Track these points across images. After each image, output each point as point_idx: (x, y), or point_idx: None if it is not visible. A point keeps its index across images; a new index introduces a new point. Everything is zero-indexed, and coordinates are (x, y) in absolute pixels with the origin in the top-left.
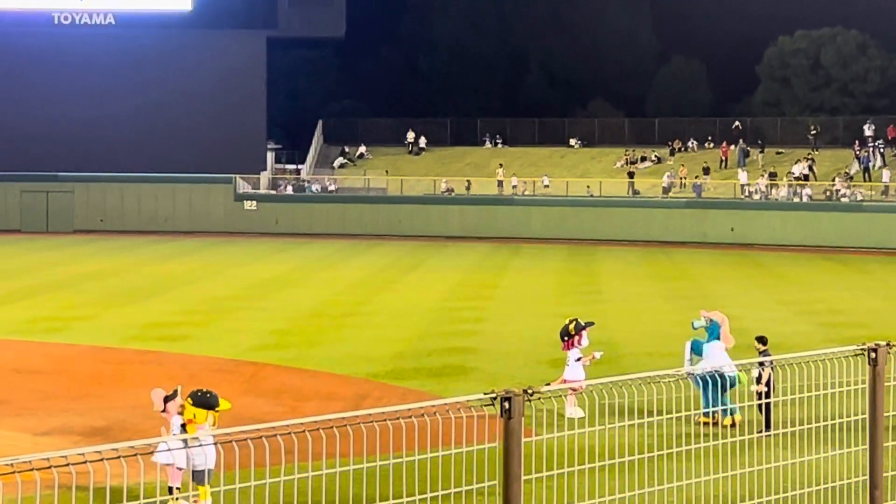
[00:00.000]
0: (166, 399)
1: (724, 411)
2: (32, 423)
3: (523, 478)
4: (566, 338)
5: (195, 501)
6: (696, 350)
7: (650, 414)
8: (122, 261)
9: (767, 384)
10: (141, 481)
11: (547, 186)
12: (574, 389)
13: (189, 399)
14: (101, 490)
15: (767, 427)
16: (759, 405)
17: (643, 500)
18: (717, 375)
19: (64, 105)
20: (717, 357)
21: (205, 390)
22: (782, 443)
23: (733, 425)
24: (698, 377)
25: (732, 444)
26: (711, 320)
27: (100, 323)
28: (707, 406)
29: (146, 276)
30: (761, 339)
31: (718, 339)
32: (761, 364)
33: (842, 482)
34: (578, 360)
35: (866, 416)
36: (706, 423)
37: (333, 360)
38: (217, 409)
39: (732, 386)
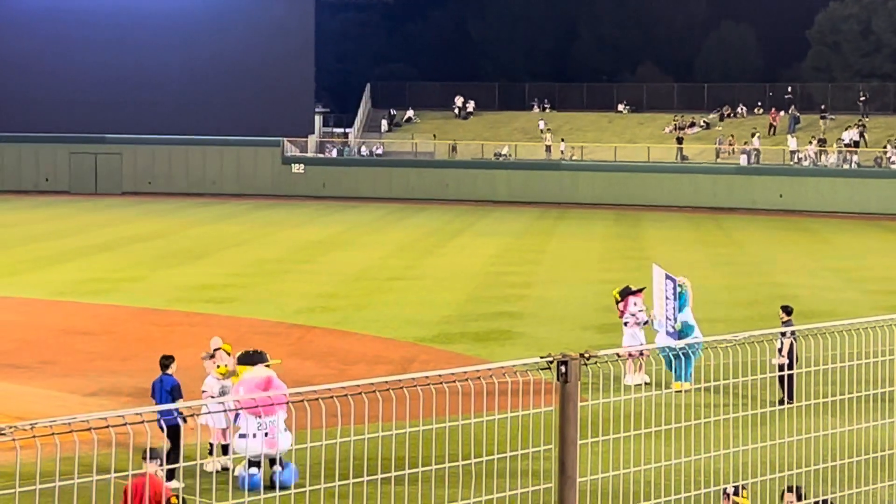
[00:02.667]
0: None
1: (681, 376)
2: (81, 384)
3: (579, 442)
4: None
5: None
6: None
7: (706, 380)
8: (169, 223)
9: (789, 355)
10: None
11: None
12: (631, 355)
13: (238, 361)
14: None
15: (790, 399)
16: (780, 376)
17: (697, 466)
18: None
19: (112, 67)
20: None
21: (251, 350)
22: (838, 411)
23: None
24: (669, 353)
25: (788, 410)
26: (681, 287)
27: (148, 285)
28: (679, 375)
29: (194, 239)
30: (787, 310)
31: (687, 305)
32: (783, 335)
33: (892, 451)
34: (626, 324)
35: None
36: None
37: (380, 324)
38: (267, 363)
39: (696, 355)
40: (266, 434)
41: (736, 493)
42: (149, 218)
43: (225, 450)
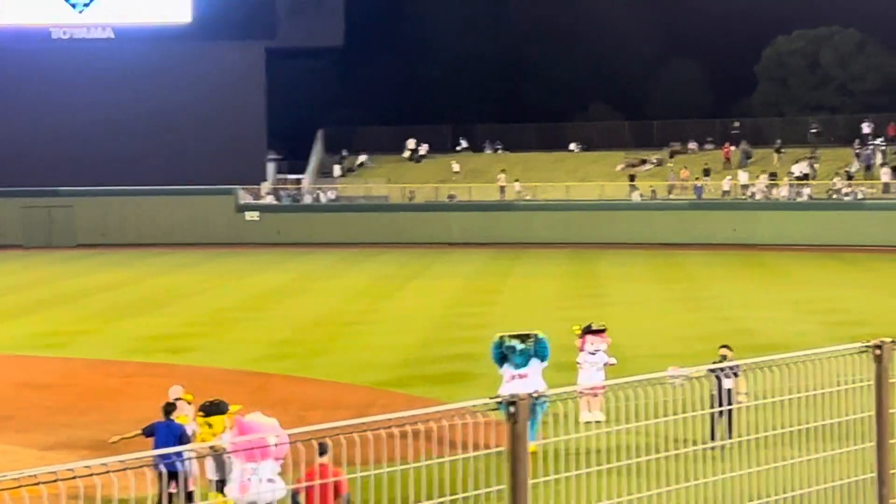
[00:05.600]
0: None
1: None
2: (38, 438)
3: (530, 482)
4: None
5: None
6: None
7: (656, 416)
8: (125, 274)
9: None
10: (144, 491)
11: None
12: (582, 393)
13: (200, 412)
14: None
15: (730, 434)
16: (727, 412)
17: (651, 502)
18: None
19: (64, 120)
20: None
21: (211, 400)
22: (789, 441)
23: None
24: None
25: (739, 444)
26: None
27: (104, 337)
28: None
29: (149, 289)
30: (729, 347)
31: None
32: (724, 370)
33: (849, 480)
34: (579, 363)
35: (872, 413)
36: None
37: (339, 369)
38: (230, 412)
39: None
40: (249, 479)
41: None
42: (104, 270)
43: (190, 497)
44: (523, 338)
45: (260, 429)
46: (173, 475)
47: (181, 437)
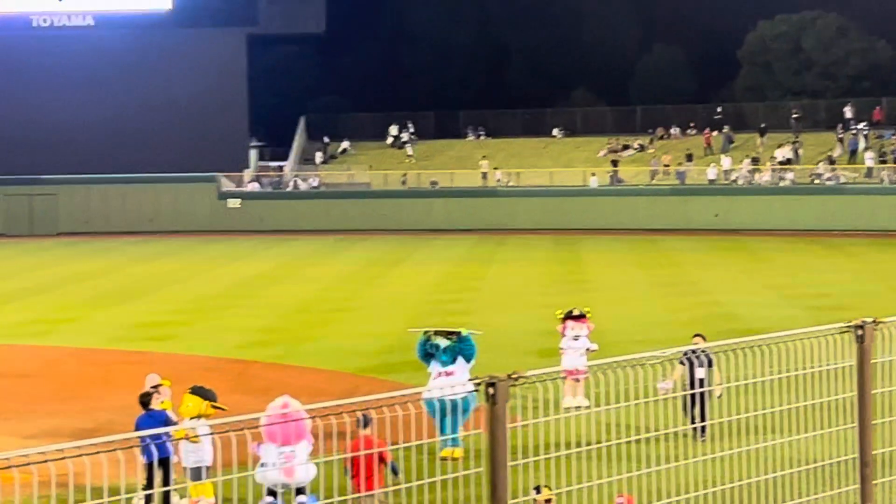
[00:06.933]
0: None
1: (453, 441)
2: (20, 427)
3: (509, 464)
4: None
5: (194, 501)
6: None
7: (636, 397)
8: (107, 262)
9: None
10: (130, 478)
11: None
12: (569, 373)
13: (189, 390)
14: (91, 488)
15: (703, 420)
16: (700, 402)
17: (630, 484)
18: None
19: (45, 108)
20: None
21: (203, 386)
22: (771, 425)
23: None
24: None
25: (720, 425)
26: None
27: (86, 325)
28: (447, 434)
29: (132, 277)
30: (702, 336)
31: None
32: (696, 358)
33: (831, 461)
34: (561, 349)
35: (854, 394)
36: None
37: (322, 356)
38: (215, 402)
39: (467, 410)
40: (284, 462)
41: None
42: (86, 258)
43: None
44: (448, 335)
45: (295, 412)
46: (164, 461)
47: (166, 423)
